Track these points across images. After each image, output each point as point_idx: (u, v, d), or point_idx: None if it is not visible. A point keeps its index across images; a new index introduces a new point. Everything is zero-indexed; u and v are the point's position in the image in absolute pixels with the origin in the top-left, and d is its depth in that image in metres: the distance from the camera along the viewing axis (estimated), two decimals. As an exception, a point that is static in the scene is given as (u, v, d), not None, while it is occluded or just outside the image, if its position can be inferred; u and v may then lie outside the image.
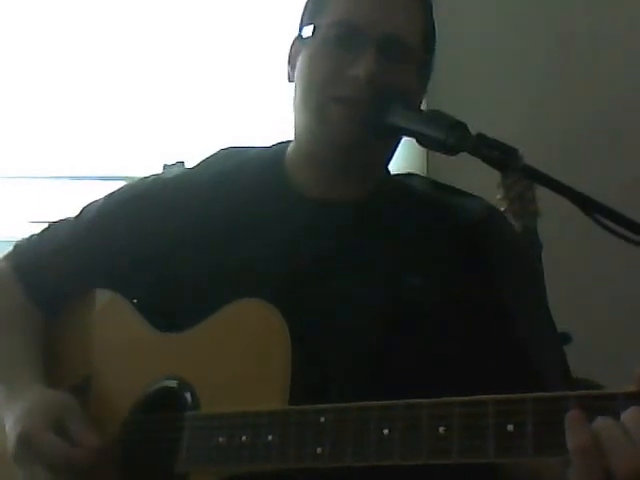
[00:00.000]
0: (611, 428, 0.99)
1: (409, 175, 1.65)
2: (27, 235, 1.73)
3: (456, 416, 1.09)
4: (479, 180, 1.78)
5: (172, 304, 1.52)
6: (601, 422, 1.00)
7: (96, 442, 1.42)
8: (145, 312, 1.56)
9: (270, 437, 1.25)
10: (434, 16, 1.54)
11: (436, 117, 1.38)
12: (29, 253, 1.70)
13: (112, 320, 1.61)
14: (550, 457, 1.04)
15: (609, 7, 3.44)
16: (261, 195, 1.54)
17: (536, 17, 3.43)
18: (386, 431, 1.15)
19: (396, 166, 1.66)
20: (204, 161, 1.65)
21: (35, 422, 1.44)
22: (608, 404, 1.00)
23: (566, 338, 2.58)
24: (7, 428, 1.47)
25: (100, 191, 1.70)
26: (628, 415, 0.99)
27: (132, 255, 1.59)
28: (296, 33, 1.55)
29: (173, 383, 1.44)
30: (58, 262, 1.66)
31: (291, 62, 1.55)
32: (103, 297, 1.63)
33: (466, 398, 1.10)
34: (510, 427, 1.04)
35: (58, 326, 1.68)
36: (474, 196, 1.56)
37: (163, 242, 1.56)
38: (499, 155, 1.31)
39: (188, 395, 1.40)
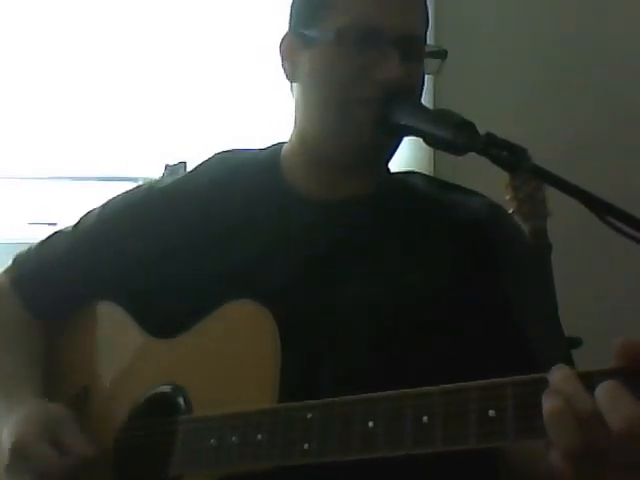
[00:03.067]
0: (586, 404, 0.98)
1: (410, 173, 1.63)
2: (26, 247, 1.73)
3: (438, 405, 1.09)
4: (487, 181, 1.75)
5: (168, 309, 1.52)
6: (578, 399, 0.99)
7: (90, 451, 1.42)
8: (141, 319, 1.55)
9: (259, 436, 1.25)
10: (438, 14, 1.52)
11: (444, 116, 1.36)
12: (28, 266, 1.70)
13: (108, 329, 1.61)
14: (531, 440, 1.03)
15: (609, 6, 3.42)
16: (258, 197, 1.54)
17: (538, 16, 3.42)
18: (371, 424, 1.15)
19: (402, 166, 1.64)
20: (199, 166, 1.64)
21: (29, 432, 1.43)
22: (586, 383, 0.99)
23: (576, 342, 2.56)
24: (2, 438, 1.46)
25: (101, 192, 1.69)
26: (602, 388, 0.97)
27: (129, 262, 1.59)
28: (286, 29, 1.53)
29: (167, 388, 1.44)
30: (56, 274, 1.66)
31: (288, 59, 1.52)
32: (99, 307, 1.63)
33: (448, 386, 1.10)
34: (492, 412, 1.04)
35: (56, 337, 1.68)
36: (477, 194, 1.54)
37: (159, 248, 1.56)
38: (508, 155, 1.29)
39: (181, 399, 1.40)
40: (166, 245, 1.56)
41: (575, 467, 0.98)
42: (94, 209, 1.67)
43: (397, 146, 1.51)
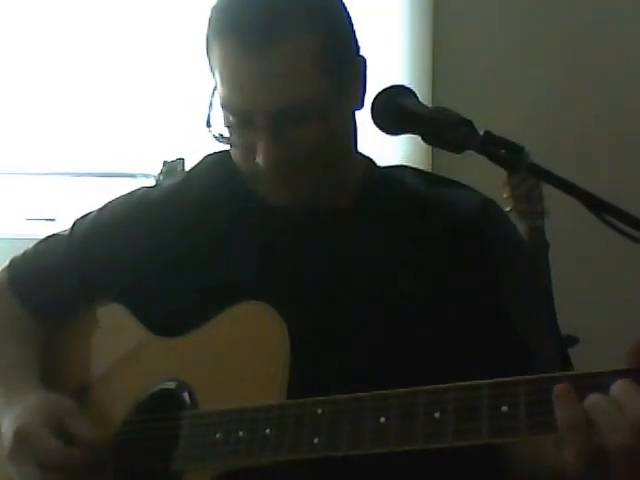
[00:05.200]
0: (600, 401, 1.01)
1: (400, 167, 1.62)
2: (24, 243, 1.73)
3: (451, 401, 1.11)
4: (484, 178, 1.75)
5: (171, 310, 1.52)
6: (591, 397, 1.01)
7: (95, 440, 1.42)
8: (144, 319, 1.55)
9: (268, 430, 1.25)
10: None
11: (442, 114, 1.35)
12: (24, 268, 1.70)
13: (110, 327, 1.61)
14: (542, 436, 1.06)
15: (610, 5, 3.42)
16: (254, 200, 1.50)
17: (536, 15, 3.41)
18: (382, 419, 1.16)
19: (400, 163, 1.63)
20: (193, 170, 1.64)
21: (33, 420, 1.44)
22: (598, 382, 1.02)
23: (573, 340, 2.56)
24: (4, 428, 1.47)
25: (99, 188, 1.69)
26: (617, 386, 1.00)
27: (129, 266, 1.59)
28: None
29: (171, 384, 1.44)
30: (53, 278, 1.66)
31: None
32: (101, 306, 1.63)
33: (461, 383, 1.12)
34: (504, 408, 1.06)
35: (57, 335, 1.68)
36: (468, 189, 1.53)
37: (160, 253, 1.56)
38: (505, 153, 1.28)
39: (186, 395, 1.40)
40: (165, 250, 1.55)
41: (587, 466, 1.00)
42: (89, 214, 1.67)
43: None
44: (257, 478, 1.30)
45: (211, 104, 1.46)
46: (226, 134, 1.44)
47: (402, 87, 1.39)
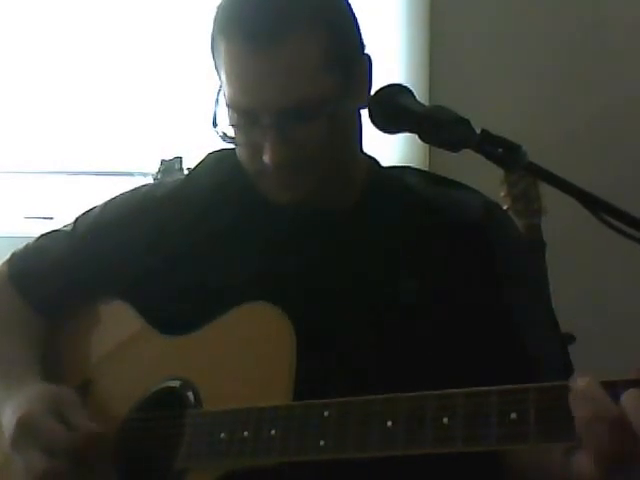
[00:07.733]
0: (609, 405, 1.00)
1: (403, 168, 1.63)
2: (23, 241, 1.72)
3: (460, 406, 1.10)
4: (482, 177, 1.75)
5: (175, 308, 1.51)
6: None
7: (95, 428, 1.42)
8: (148, 316, 1.55)
9: (273, 431, 1.24)
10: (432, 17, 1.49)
11: (439, 112, 1.35)
12: (25, 263, 1.69)
13: (114, 324, 1.61)
14: (553, 443, 1.05)
15: (610, 3, 3.43)
16: (257, 199, 1.50)
17: (534, 13, 3.42)
18: (390, 423, 1.15)
19: (398, 162, 1.63)
20: (196, 168, 1.64)
21: (36, 407, 1.43)
22: (610, 390, 1.01)
23: (570, 338, 2.56)
24: (5, 420, 1.47)
25: (97, 186, 1.68)
26: (627, 396, 0.99)
27: (133, 263, 1.58)
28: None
29: (175, 383, 1.44)
30: (55, 273, 1.65)
31: None
32: (105, 302, 1.63)
33: (470, 389, 1.11)
34: (513, 415, 1.05)
35: (59, 330, 1.68)
36: (472, 190, 1.54)
37: (164, 251, 1.56)
38: (503, 152, 1.28)
39: (190, 394, 1.40)
40: (170, 249, 1.55)
41: (606, 471, 1.00)
42: (91, 210, 1.67)
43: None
44: (261, 479, 1.29)
45: (217, 103, 1.46)
46: (231, 133, 1.44)
47: (399, 86, 1.39)
